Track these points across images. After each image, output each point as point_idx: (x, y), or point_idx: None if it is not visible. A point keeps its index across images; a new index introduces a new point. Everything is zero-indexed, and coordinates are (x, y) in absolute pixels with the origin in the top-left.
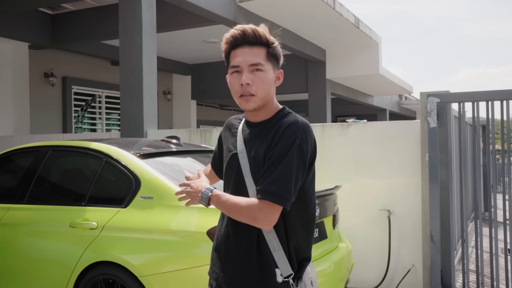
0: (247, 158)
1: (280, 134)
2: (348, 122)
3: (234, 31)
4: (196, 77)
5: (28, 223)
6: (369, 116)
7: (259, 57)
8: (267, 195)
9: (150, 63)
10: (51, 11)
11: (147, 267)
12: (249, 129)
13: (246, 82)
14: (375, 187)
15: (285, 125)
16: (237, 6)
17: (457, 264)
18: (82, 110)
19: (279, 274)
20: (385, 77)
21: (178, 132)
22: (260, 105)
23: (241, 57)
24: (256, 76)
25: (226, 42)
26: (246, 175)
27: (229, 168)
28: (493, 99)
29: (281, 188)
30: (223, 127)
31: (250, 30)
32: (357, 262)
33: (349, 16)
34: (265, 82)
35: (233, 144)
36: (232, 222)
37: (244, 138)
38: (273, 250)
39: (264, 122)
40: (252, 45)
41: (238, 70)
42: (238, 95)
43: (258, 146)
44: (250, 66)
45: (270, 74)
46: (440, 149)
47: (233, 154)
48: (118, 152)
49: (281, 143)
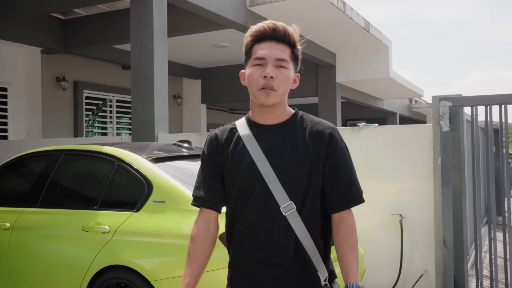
0: (269, 164)
1: (328, 140)
2: (360, 126)
3: (263, 24)
4: (206, 81)
5: (41, 226)
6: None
7: (285, 54)
8: (360, 199)
9: (161, 67)
10: (63, 16)
11: (159, 271)
12: (263, 132)
13: (271, 75)
14: (387, 191)
15: (324, 128)
16: (247, 10)
17: (470, 269)
18: (93, 114)
19: (321, 278)
20: (395, 80)
21: (189, 136)
22: (278, 102)
23: (267, 50)
24: (280, 72)
25: (252, 34)
26: (270, 182)
27: (246, 181)
28: (507, 102)
29: (360, 189)
30: (207, 143)
31: (281, 27)
32: (369, 266)
33: (360, 20)
34: (287, 80)
35: (243, 153)
36: (263, 232)
37: (259, 144)
38: (311, 255)
39: (284, 124)
40: (279, 41)
41: (261, 63)
42: (258, 87)
43: (285, 150)
44: (276, 60)
45: (292, 73)
46: (453, 153)
47: (249, 163)
48: (130, 156)
49: (338, 150)
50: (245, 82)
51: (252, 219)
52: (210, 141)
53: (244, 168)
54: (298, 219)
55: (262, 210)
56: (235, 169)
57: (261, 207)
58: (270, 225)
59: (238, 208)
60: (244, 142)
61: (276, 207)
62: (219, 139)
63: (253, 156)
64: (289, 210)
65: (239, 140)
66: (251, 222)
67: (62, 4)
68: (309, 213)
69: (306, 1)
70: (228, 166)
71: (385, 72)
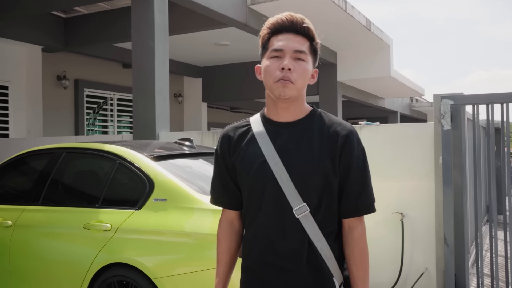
0: (282, 163)
1: (343, 142)
2: (361, 124)
3: (280, 16)
4: (207, 79)
5: (43, 224)
6: (380, 119)
7: (303, 46)
8: (371, 208)
9: (162, 66)
10: (63, 14)
11: (160, 269)
12: (278, 130)
13: (288, 67)
14: (388, 190)
15: (341, 129)
16: (249, 8)
17: (471, 267)
18: (94, 113)
19: (336, 283)
20: (396, 79)
21: (191, 135)
22: (296, 96)
23: (285, 41)
24: (298, 64)
25: (269, 27)
26: (283, 182)
27: (258, 180)
28: (508, 101)
29: (373, 197)
30: (220, 141)
31: (300, 18)
32: (370, 265)
33: (361, 19)
34: (305, 73)
35: (255, 151)
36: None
37: (272, 142)
38: (326, 259)
39: (300, 122)
40: (298, 33)
41: (279, 55)
42: (275, 80)
43: (299, 148)
44: (294, 52)
45: (310, 67)
46: (454, 152)
47: (261, 162)
48: (132, 154)
49: (353, 153)
50: (261, 76)
51: (263, 221)
52: (222, 138)
53: (256, 167)
54: (312, 221)
55: (274, 211)
56: (246, 168)
57: (273, 208)
58: (282, 228)
59: (249, 208)
60: (257, 140)
61: (289, 208)
62: (232, 136)
63: (266, 154)
64: (302, 212)
65: (252, 138)
66: (262, 225)
67: (63, 3)
68: (324, 216)
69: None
70: (239, 164)
71: (386, 70)
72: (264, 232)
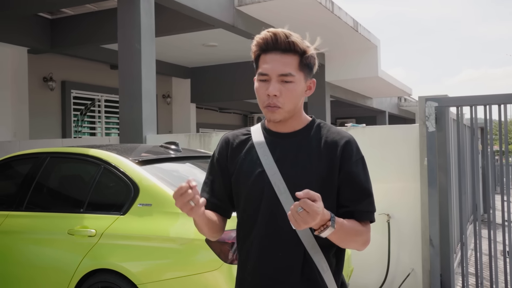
0: (280, 174)
1: (342, 150)
2: (347, 126)
3: (265, 33)
4: (196, 80)
5: (27, 230)
6: (368, 118)
7: (290, 66)
8: (370, 215)
9: (149, 68)
10: (50, 15)
11: (146, 275)
12: (277, 140)
13: (274, 94)
14: (374, 191)
15: (339, 138)
16: (236, 10)
17: (457, 267)
18: (82, 114)
19: None
20: (384, 79)
21: (177, 137)
22: (287, 117)
23: (270, 64)
24: (285, 87)
25: (256, 45)
26: (281, 193)
27: (255, 190)
28: (491, 103)
29: (374, 205)
30: (219, 146)
31: (283, 36)
32: (357, 266)
33: (348, 20)
34: (293, 94)
35: (254, 160)
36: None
37: (271, 152)
38: (322, 271)
39: (299, 132)
40: (284, 52)
41: (266, 79)
42: (263, 105)
43: (297, 159)
44: (279, 76)
45: (301, 85)
46: (439, 153)
47: (259, 172)
48: (117, 159)
49: (351, 161)
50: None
51: (260, 231)
52: (222, 144)
53: (254, 177)
54: (309, 233)
55: (271, 222)
56: (244, 176)
57: (269, 218)
58: (279, 239)
59: (245, 218)
60: (256, 149)
61: (286, 220)
62: (231, 143)
63: (264, 164)
64: None
65: (251, 147)
66: (258, 235)
67: (50, 4)
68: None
69: (294, 1)
70: (237, 173)
71: (374, 71)
72: (260, 242)
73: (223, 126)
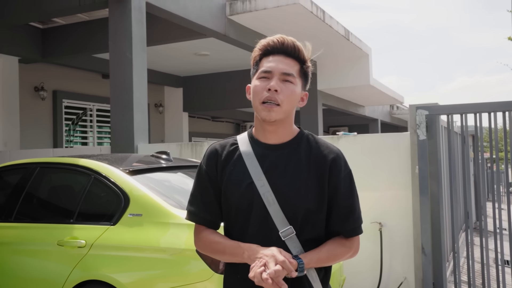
0: (269, 185)
1: (330, 165)
2: (339, 134)
3: (272, 38)
4: (188, 89)
5: (16, 241)
6: (361, 126)
7: (293, 68)
8: (357, 230)
9: (140, 77)
10: (41, 25)
11: (136, 286)
12: (266, 152)
13: (275, 88)
14: (366, 200)
15: (328, 153)
16: (228, 19)
17: (450, 275)
18: (73, 124)
19: None
20: (375, 87)
21: (169, 146)
22: (282, 118)
23: (274, 63)
24: (285, 86)
25: (261, 48)
26: (269, 205)
27: (244, 202)
28: (481, 111)
29: (360, 219)
30: (206, 157)
31: (290, 41)
32: (350, 275)
33: (339, 28)
34: (292, 95)
35: (243, 172)
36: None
37: (260, 163)
38: (312, 280)
39: (288, 144)
40: (288, 56)
41: (267, 76)
42: (261, 101)
43: (287, 171)
44: (282, 74)
45: (299, 90)
46: (430, 161)
47: (248, 183)
48: (107, 169)
49: (340, 177)
50: (250, 96)
51: (249, 242)
52: (209, 155)
53: (243, 188)
54: (298, 244)
55: (260, 233)
56: (233, 188)
57: (259, 230)
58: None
59: (235, 229)
60: (245, 160)
61: (275, 231)
62: (219, 154)
63: (253, 176)
64: (288, 235)
65: (239, 158)
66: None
67: (41, 14)
68: (309, 238)
69: (286, 10)
70: (226, 184)
71: (366, 79)
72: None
73: (216, 135)
